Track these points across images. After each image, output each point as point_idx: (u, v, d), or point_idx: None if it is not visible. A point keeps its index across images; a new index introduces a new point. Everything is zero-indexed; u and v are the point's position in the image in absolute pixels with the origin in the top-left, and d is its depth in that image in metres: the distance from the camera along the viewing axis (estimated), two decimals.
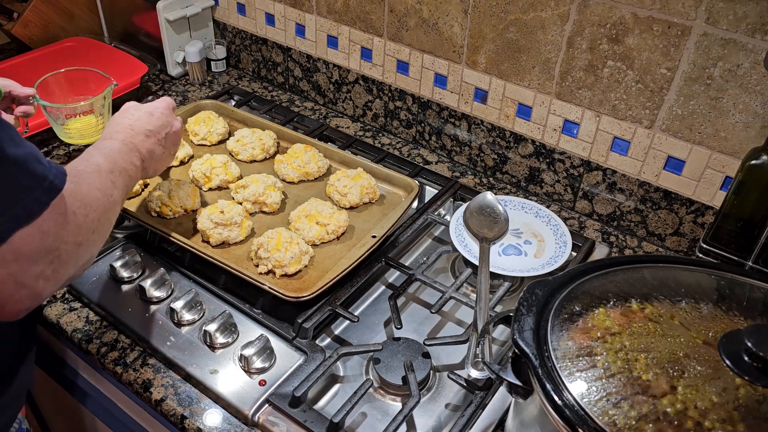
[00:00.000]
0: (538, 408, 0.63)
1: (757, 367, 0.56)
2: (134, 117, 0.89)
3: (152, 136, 0.89)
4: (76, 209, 0.64)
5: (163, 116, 0.92)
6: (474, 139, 1.23)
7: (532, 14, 1.04)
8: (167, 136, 0.92)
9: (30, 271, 0.58)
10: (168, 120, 0.93)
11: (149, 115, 0.90)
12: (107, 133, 0.86)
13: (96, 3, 1.54)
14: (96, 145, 0.82)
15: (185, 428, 0.81)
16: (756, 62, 0.88)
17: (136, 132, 0.87)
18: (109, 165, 0.77)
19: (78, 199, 0.66)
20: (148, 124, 0.89)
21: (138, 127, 0.88)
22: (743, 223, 0.87)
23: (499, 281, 1.00)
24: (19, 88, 0.96)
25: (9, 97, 0.96)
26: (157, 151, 0.90)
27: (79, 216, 0.65)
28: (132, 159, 0.83)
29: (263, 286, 0.91)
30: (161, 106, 0.93)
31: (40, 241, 0.58)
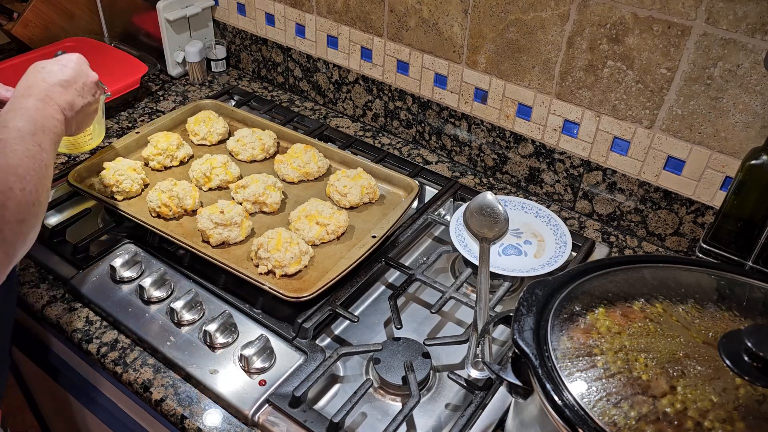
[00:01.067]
0: (538, 408, 0.63)
1: (757, 367, 0.56)
2: (46, 71, 0.84)
3: (69, 86, 0.85)
4: (11, 185, 0.64)
5: (76, 66, 0.88)
6: (474, 139, 1.23)
7: (532, 14, 1.04)
8: (84, 85, 0.88)
9: None
10: (82, 69, 0.90)
11: (62, 68, 0.86)
12: (19, 90, 0.81)
13: (96, 3, 1.54)
14: (10, 104, 0.77)
15: (185, 428, 0.81)
16: (756, 62, 0.88)
17: (50, 84, 0.83)
18: (30, 126, 0.74)
19: (11, 173, 0.65)
20: (61, 75, 0.85)
21: (51, 79, 0.83)
22: (743, 223, 0.87)
23: (499, 281, 1.00)
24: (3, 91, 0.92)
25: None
26: (77, 102, 0.86)
27: (16, 192, 0.64)
28: (52, 113, 0.80)
29: (263, 286, 0.91)
30: (73, 57, 0.90)
31: None
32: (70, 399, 1.12)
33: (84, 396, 1.06)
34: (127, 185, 1.06)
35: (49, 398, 1.25)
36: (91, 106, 0.91)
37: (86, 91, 0.89)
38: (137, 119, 1.35)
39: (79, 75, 0.88)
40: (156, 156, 1.14)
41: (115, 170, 1.07)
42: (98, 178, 1.08)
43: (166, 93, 1.45)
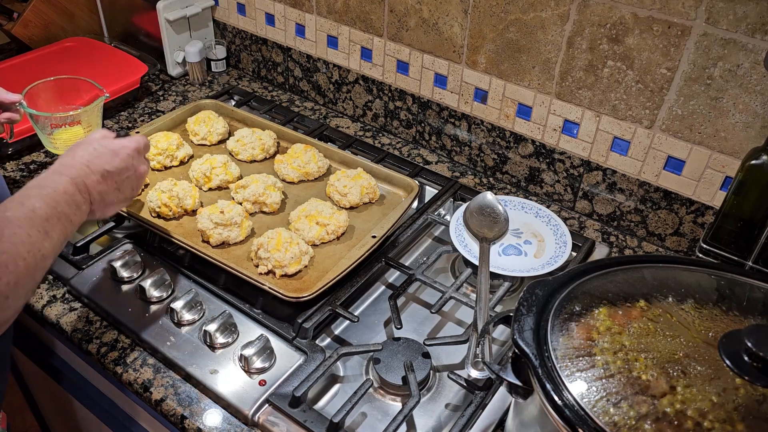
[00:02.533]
0: (538, 408, 0.63)
1: (757, 367, 0.56)
2: (95, 153, 0.79)
3: (109, 178, 0.80)
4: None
5: (128, 158, 0.83)
6: (474, 139, 1.23)
7: (532, 14, 1.04)
8: (127, 179, 0.83)
9: None
10: (133, 163, 0.84)
11: (113, 155, 0.81)
12: (58, 165, 0.76)
13: (96, 3, 1.54)
14: (41, 180, 0.73)
15: (185, 428, 0.81)
16: (756, 62, 0.88)
17: (91, 171, 0.77)
18: (46, 210, 0.69)
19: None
20: (107, 164, 0.80)
21: (96, 165, 0.78)
22: (743, 223, 0.87)
23: (499, 281, 1.00)
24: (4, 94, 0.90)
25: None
26: (110, 195, 0.81)
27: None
28: (78, 202, 0.75)
29: (263, 286, 0.91)
30: (131, 146, 0.84)
31: None
32: (70, 399, 1.12)
33: (84, 396, 1.06)
34: None
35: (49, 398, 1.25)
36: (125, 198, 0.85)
37: (126, 186, 0.83)
38: (137, 119, 1.35)
39: (127, 168, 0.82)
40: (156, 156, 1.14)
41: None
42: None
43: (166, 93, 1.45)
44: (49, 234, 0.68)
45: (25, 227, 0.65)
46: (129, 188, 0.84)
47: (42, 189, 0.71)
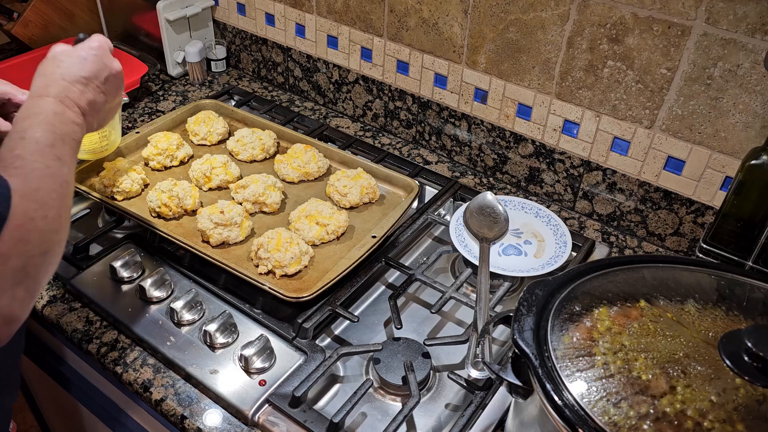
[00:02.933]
0: (538, 408, 0.63)
1: (757, 367, 0.56)
2: (64, 65, 0.76)
3: (89, 83, 0.77)
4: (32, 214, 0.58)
5: (98, 59, 0.79)
6: (474, 139, 1.23)
7: (532, 14, 1.04)
8: (107, 80, 0.80)
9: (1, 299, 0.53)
10: (105, 62, 0.80)
11: (82, 60, 0.77)
12: (36, 89, 0.73)
13: (96, 3, 1.54)
14: (27, 106, 0.70)
15: (185, 428, 0.81)
16: (756, 62, 0.88)
17: (69, 82, 0.74)
18: (49, 137, 0.67)
19: (31, 200, 0.59)
20: (81, 71, 0.76)
21: (71, 75, 0.75)
22: (743, 223, 0.87)
23: (499, 281, 0.99)
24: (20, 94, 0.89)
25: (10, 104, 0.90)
26: (98, 99, 0.78)
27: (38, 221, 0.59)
28: (72, 118, 0.72)
29: (263, 286, 0.91)
30: (94, 46, 0.80)
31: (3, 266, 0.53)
32: (71, 399, 1.12)
33: (84, 396, 1.06)
34: (127, 185, 1.06)
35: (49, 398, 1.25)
36: (114, 101, 0.83)
37: (109, 87, 0.80)
38: (137, 119, 1.35)
39: (101, 69, 0.79)
40: (156, 156, 1.14)
41: (115, 170, 1.07)
42: (98, 178, 1.08)
43: (166, 93, 1.45)
44: (62, 159, 0.67)
45: (38, 160, 0.64)
46: (114, 88, 0.82)
47: (33, 117, 0.68)
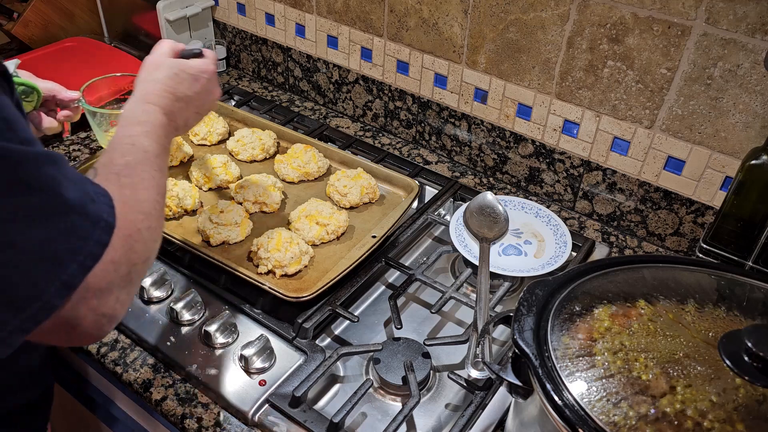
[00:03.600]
0: (538, 408, 0.63)
1: (757, 367, 0.56)
2: (177, 79, 0.78)
3: (191, 103, 0.79)
4: (139, 225, 0.61)
5: (207, 83, 0.82)
6: (474, 139, 1.23)
7: (532, 14, 1.04)
8: (205, 103, 0.83)
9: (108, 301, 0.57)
10: (210, 88, 0.83)
11: (193, 80, 0.79)
12: (144, 92, 0.75)
13: (96, 3, 1.54)
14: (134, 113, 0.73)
15: (185, 428, 0.81)
16: (756, 62, 0.88)
17: (176, 98, 0.77)
18: (156, 147, 0.70)
19: (139, 211, 0.62)
20: (189, 90, 0.79)
21: (179, 92, 0.77)
22: (743, 223, 0.87)
23: (499, 281, 0.99)
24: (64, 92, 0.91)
25: (53, 101, 0.92)
26: (191, 119, 0.81)
27: (143, 232, 0.61)
28: (170, 131, 0.75)
29: (263, 286, 0.91)
30: (209, 70, 0.82)
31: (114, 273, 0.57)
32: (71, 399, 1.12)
33: (83, 396, 1.06)
34: None
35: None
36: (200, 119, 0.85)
37: (204, 109, 0.83)
38: None
39: (205, 93, 0.82)
40: None
41: None
42: None
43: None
44: (162, 170, 0.70)
45: (146, 170, 0.66)
46: (206, 110, 0.84)
47: (143, 125, 0.71)
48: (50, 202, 0.52)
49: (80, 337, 0.57)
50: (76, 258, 0.53)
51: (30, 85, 0.84)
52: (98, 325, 0.57)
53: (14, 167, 0.50)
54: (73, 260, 0.53)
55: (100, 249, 0.55)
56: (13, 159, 0.50)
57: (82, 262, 0.54)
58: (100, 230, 0.55)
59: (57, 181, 0.53)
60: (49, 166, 0.52)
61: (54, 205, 0.52)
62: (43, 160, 0.52)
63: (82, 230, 0.54)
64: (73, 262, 0.53)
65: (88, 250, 0.54)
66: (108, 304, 0.57)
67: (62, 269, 0.52)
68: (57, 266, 0.52)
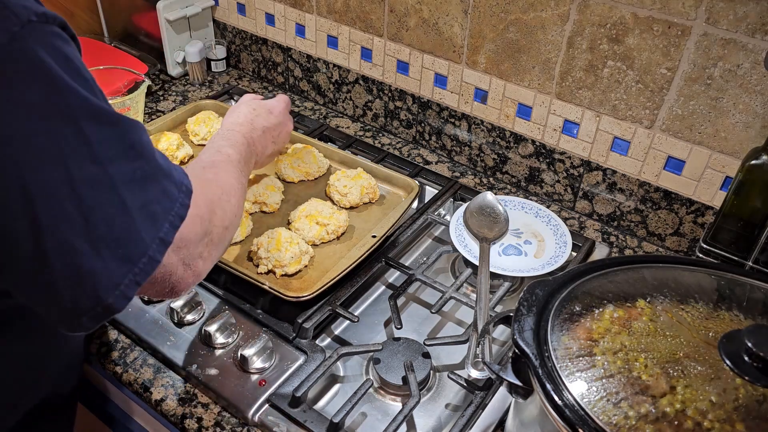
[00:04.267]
0: (538, 408, 0.63)
1: (757, 367, 0.56)
2: (255, 113, 0.92)
3: (268, 133, 0.93)
4: (220, 196, 0.70)
5: (281, 115, 0.97)
6: (474, 139, 1.23)
7: (532, 14, 1.04)
8: (280, 134, 0.96)
9: (194, 252, 0.64)
10: (284, 120, 0.98)
11: (269, 113, 0.94)
12: (230, 124, 0.89)
13: (96, 3, 1.54)
14: (222, 135, 0.85)
15: (185, 428, 0.81)
16: (756, 62, 0.88)
17: (255, 127, 0.90)
18: (238, 156, 0.81)
19: (220, 186, 0.72)
20: (266, 121, 0.93)
21: (258, 123, 0.91)
22: (743, 223, 0.87)
23: (499, 281, 0.99)
24: None
25: None
26: (268, 149, 0.94)
27: (223, 203, 0.70)
28: (251, 154, 0.87)
29: (263, 286, 0.91)
30: (281, 105, 0.98)
31: (200, 226, 0.64)
32: None
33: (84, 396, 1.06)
34: None
35: None
36: (276, 150, 0.98)
37: (280, 140, 0.97)
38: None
39: (279, 124, 0.96)
40: None
41: None
42: None
43: (166, 93, 1.45)
44: (244, 173, 0.81)
45: (228, 168, 0.77)
46: (281, 142, 0.98)
47: (227, 140, 0.83)
48: (151, 167, 0.58)
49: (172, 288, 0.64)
50: (168, 217, 0.59)
51: None
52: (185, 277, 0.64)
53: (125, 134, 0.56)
54: (166, 219, 0.59)
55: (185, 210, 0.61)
56: (125, 126, 0.56)
57: (173, 221, 0.60)
58: (184, 194, 0.62)
59: (152, 148, 0.60)
60: (144, 133, 0.59)
61: (153, 169, 0.59)
62: (141, 128, 0.59)
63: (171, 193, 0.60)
64: (166, 221, 0.59)
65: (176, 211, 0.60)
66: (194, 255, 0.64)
67: (160, 227, 0.58)
68: (156, 224, 0.58)
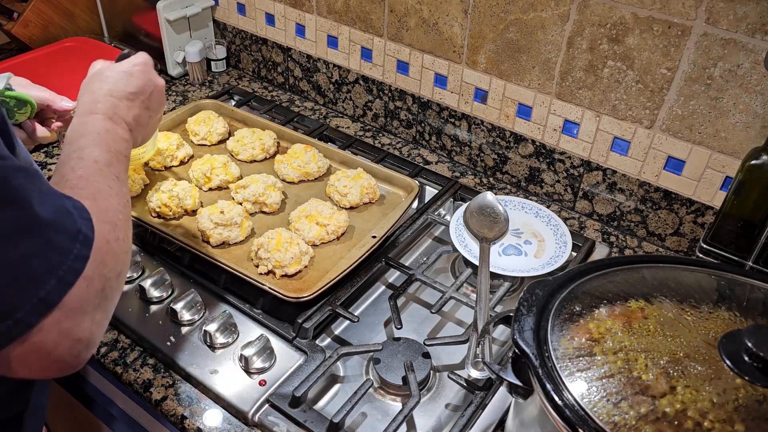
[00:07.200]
0: (538, 408, 0.63)
1: (757, 367, 0.56)
2: (111, 80, 0.76)
3: (136, 98, 0.77)
4: (108, 236, 0.58)
5: (143, 74, 0.79)
6: (474, 139, 1.23)
7: (532, 14, 1.04)
8: (151, 95, 0.80)
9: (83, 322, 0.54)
10: (149, 77, 0.80)
11: (128, 76, 0.77)
12: (85, 106, 0.73)
13: (96, 3, 1.54)
14: (78, 124, 0.71)
15: (185, 428, 0.81)
16: (756, 62, 0.88)
17: (117, 98, 0.75)
18: (105, 156, 0.67)
19: (104, 221, 0.59)
20: (127, 86, 0.76)
21: (118, 91, 0.75)
22: (743, 223, 0.87)
23: (499, 281, 0.99)
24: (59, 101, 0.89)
25: (48, 110, 0.89)
26: (143, 116, 0.78)
27: (112, 243, 0.59)
28: (121, 134, 0.73)
29: (263, 286, 0.91)
30: (139, 62, 0.80)
31: (86, 290, 0.54)
32: (71, 399, 1.12)
33: (83, 395, 1.06)
34: None
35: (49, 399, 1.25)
36: (156, 115, 0.83)
37: (153, 102, 0.81)
38: None
39: (146, 84, 0.79)
40: (156, 156, 1.14)
41: None
42: None
43: (166, 93, 1.45)
44: (120, 178, 0.68)
45: (100, 180, 0.64)
46: (156, 104, 0.82)
47: (87, 137, 0.69)
48: (23, 218, 0.50)
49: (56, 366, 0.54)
50: (55, 274, 0.51)
51: (23, 98, 0.82)
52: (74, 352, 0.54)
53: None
54: (51, 276, 0.51)
55: (81, 264, 0.53)
56: None
57: (62, 277, 0.51)
58: (80, 244, 0.53)
59: (30, 195, 0.51)
60: (22, 180, 0.51)
61: (27, 220, 0.50)
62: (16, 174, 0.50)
63: (59, 245, 0.52)
64: (52, 278, 0.51)
65: (67, 265, 0.52)
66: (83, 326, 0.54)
67: (39, 286, 0.50)
68: (32, 283, 0.50)
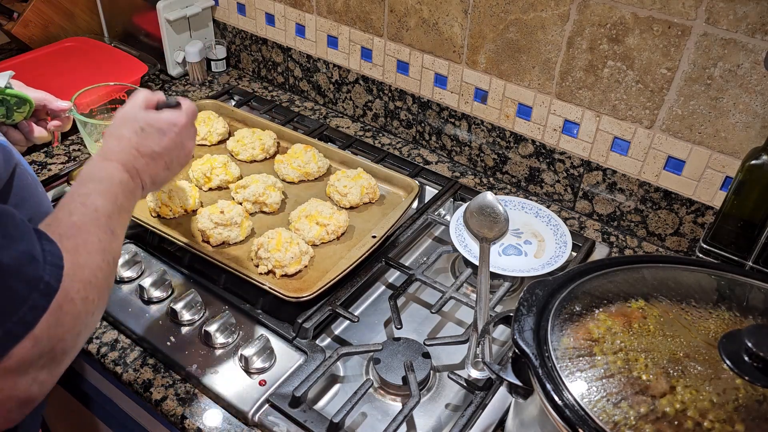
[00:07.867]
0: (538, 408, 0.63)
1: (757, 367, 0.56)
2: (143, 134, 0.73)
3: (158, 158, 0.74)
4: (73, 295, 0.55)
5: (177, 137, 0.76)
6: (474, 139, 1.23)
7: (532, 14, 1.04)
8: (176, 158, 0.77)
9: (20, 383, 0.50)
10: (181, 140, 0.77)
11: (161, 134, 0.75)
12: (107, 150, 0.71)
13: (96, 3, 1.54)
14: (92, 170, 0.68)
15: (185, 428, 0.81)
16: (756, 62, 0.88)
17: (140, 154, 0.72)
18: (109, 207, 0.65)
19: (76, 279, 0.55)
20: (156, 145, 0.74)
21: (145, 148, 0.73)
22: (743, 223, 0.87)
23: (499, 281, 0.99)
24: (55, 102, 0.89)
25: (44, 110, 0.90)
26: (161, 175, 0.76)
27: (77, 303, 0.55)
28: (133, 190, 0.71)
29: (263, 286, 0.91)
30: (180, 123, 0.77)
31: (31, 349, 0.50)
32: (71, 399, 1.12)
33: (83, 395, 1.06)
34: None
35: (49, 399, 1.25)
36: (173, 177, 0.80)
37: (175, 164, 0.78)
38: None
39: (175, 147, 0.76)
40: None
41: None
42: None
43: (167, 93, 1.45)
44: (115, 232, 0.65)
45: (93, 231, 0.61)
46: (177, 165, 0.79)
47: (98, 183, 0.67)
48: None
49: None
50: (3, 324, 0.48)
51: (23, 97, 0.84)
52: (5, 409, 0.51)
53: None
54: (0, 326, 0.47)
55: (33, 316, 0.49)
56: None
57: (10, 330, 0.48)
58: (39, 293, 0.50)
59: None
60: None
61: None
62: None
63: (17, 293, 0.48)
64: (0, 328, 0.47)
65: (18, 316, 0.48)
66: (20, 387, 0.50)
67: None
68: None
